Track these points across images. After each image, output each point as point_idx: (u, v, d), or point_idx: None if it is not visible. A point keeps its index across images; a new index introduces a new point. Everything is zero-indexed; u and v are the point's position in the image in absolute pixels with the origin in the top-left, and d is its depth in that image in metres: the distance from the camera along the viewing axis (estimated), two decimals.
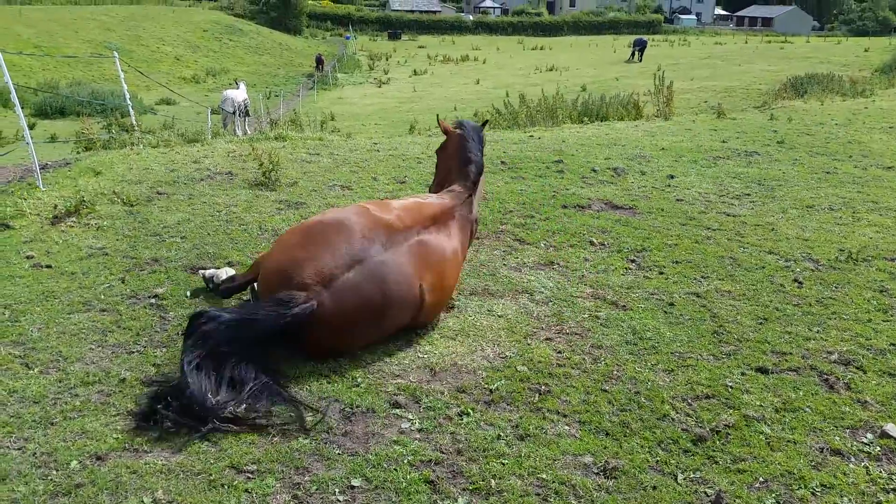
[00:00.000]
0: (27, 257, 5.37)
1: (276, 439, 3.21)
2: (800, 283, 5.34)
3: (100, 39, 42.31)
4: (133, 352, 4.04)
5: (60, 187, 7.30)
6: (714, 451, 3.23)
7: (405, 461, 3.05)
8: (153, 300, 4.76)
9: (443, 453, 3.13)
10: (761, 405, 3.63)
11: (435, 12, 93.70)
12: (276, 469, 2.99)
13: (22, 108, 21.98)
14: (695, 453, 3.21)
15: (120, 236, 6.01)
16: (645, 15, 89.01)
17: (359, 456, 3.09)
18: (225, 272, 4.77)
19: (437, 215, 4.54)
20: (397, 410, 3.47)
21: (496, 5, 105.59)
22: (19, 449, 3.07)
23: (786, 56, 39.04)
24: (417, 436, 3.28)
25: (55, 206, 6.46)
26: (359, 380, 3.75)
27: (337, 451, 3.13)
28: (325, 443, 3.19)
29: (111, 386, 3.63)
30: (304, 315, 3.65)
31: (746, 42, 58.85)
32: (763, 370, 3.99)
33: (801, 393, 3.76)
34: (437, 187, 5.38)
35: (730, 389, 3.76)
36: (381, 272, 3.94)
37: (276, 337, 3.70)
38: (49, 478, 2.87)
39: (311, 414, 3.38)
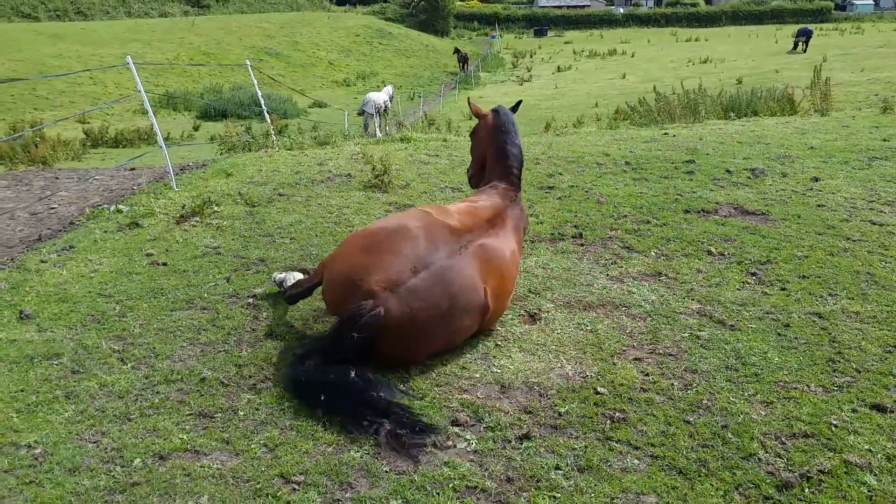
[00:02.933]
0: (147, 255, 5.77)
1: (329, 450, 3.17)
2: None
3: (261, 46, 45.36)
4: (220, 351, 4.19)
5: (192, 188, 7.82)
6: (801, 500, 2.80)
7: (450, 486, 2.91)
8: (251, 300, 4.93)
9: (492, 481, 2.95)
10: (870, 450, 3.11)
11: (583, 7, 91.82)
12: (321, 483, 2.95)
13: (188, 111, 23.98)
14: (777, 501, 2.80)
15: (236, 236, 6.31)
16: (812, 2, 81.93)
17: (405, 475, 2.99)
18: (293, 276, 4.82)
19: (492, 218, 4.43)
20: (456, 429, 3.33)
21: None
22: (94, 443, 3.26)
23: None
24: (471, 458, 3.12)
25: (183, 206, 6.91)
26: (424, 392, 3.65)
27: (385, 469, 3.04)
28: (376, 457, 3.11)
29: (191, 384, 3.77)
30: (374, 323, 3.60)
31: None
32: (880, 408, 3.43)
33: None
34: (474, 178, 5.29)
35: (834, 428, 3.26)
36: (448, 276, 3.84)
37: (359, 351, 3.68)
38: (112, 474, 3.01)
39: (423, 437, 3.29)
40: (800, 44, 41.38)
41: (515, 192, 4.84)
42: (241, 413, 3.48)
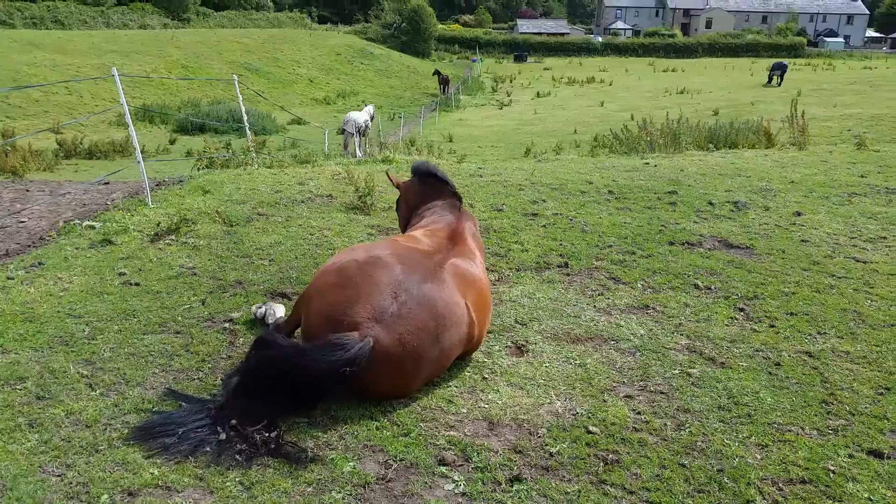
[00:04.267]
0: (119, 274, 5.56)
1: (309, 489, 3.00)
2: None
3: (241, 61, 45.17)
4: (194, 378, 4.00)
5: (168, 205, 7.61)
6: None
7: None
8: (227, 324, 4.75)
9: None
10: (870, 499, 3.02)
11: (563, 34, 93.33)
12: None
13: (164, 124, 23.74)
14: None
15: (212, 256, 6.12)
16: (786, 38, 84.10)
17: None
18: (273, 310, 4.62)
19: (451, 235, 4.49)
20: (443, 468, 3.17)
21: (627, 27, 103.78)
22: (59, 476, 3.05)
23: None
24: (459, 500, 2.96)
25: (158, 224, 6.71)
26: (409, 428, 3.49)
27: None
28: (360, 500, 2.95)
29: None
30: (363, 355, 3.45)
31: None
32: (877, 454, 3.34)
33: None
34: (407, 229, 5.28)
35: (832, 475, 3.17)
36: (431, 296, 3.75)
37: (330, 383, 3.49)
38: None
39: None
40: (774, 77, 42.36)
41: (458, 201, 5.03)
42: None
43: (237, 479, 3.06)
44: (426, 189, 5.18)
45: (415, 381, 3.78)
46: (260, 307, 4.74)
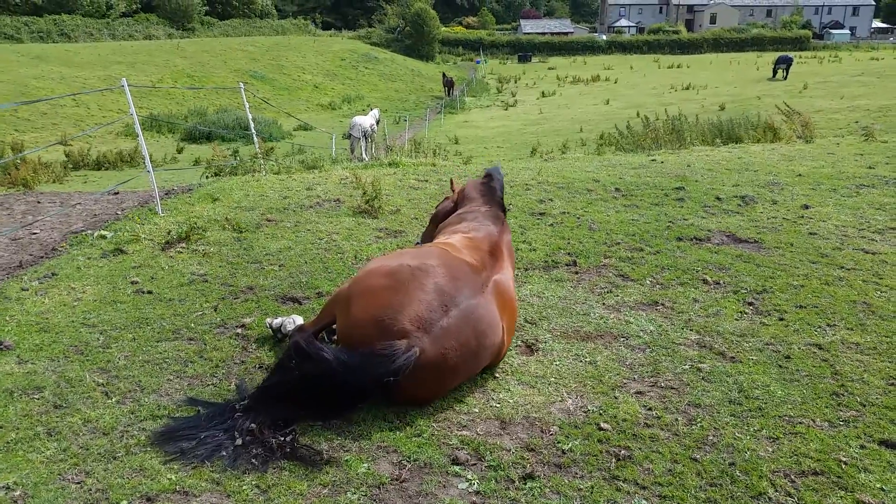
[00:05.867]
0: (132, 282, 5.61)
1: (325, 491, 3.04)
2: None
3: (246, 69, 45.39)
4: (209, 384, 4.04)
5: (178, 213, 7.68)
6: None
7: None
8: (240, 330, 4.79)
9: None
10: (882, 489, 3.03)
11: (567, 33, 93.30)
12: None
13: (171, 133, 23.89)
14: None
15: (223, 263, 6.17)
16: (791, 31, 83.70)
17: None
18: (293, 321, 4.57)
19: (492, 250, 4.42)
20: (457, 467, 3.20)
21: (631, 24, 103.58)
22: (78, 483, 3.10)
23: None
24: (474, 499, 2.99)
25: (168, 232, 6.77)
26: (422, 428, 3.52)
27: None
28: (375, 500, 2.98)
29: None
30: (409, 365, 3.46)
31: None
32: (888, 444, 3.35)
33: None
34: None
35: (843, 466, 3.18)
36: (477, 315, 3.78)
37: (371, 391, 3.56)
38: None
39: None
40: (779, 71, 42.11)
41: (502, 213, 5.00)
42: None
43: (253, 483, 3.09)
44: (478, 192, 5.16)
45: (443, 392, 3.81)
46: (276, 319, 4.68)
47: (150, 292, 5.42)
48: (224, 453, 3.28)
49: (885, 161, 10.09)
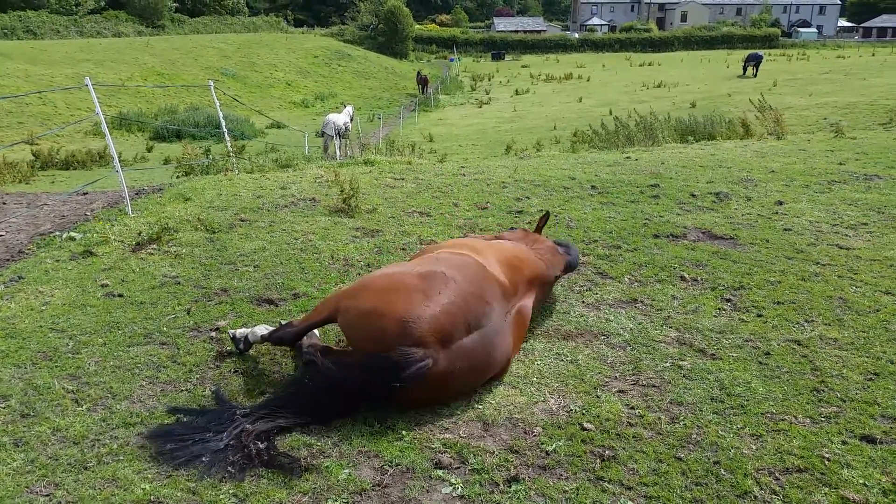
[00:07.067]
0: (102, 285, 5.47)
1: (305, 499, 2.96)
2: None
3: (217, 66, 44.85)
4: (183, 390, 3.94)
5: (148, 213, 7.51)
6: None
7: None
8: (214, 333, 4.68)
9: None
10: (865, 484, 3.03)
11: (539, 31, 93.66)
12: None
13: (141, 132, 23.49)
14: None
15: (196, 264, 6.04)
16: (761, 29, 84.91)
17: None
18: (262, 329, 4.33)
19: (533, 280, 4.42)
20: (440, 471, 3.14)
21: (603, 23, 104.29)
22: (47, 496, 2.98)
23: None
24: None
25: (139, 233, 6.61)
26: (403, 432, 3.46)
27: None
28: None
29: (152, 427, 3.51)
30: (419, 377, 3.41)
31: (873, 54, 55.08)
32: (870, 439, 3.36)
33: None
34: None
35: (827, 462, 3.18)
36: (494, 341, 3.76)
37: (377, 396, 3.54)
38: None
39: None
40: (749, 68, 42.66)
41: (562, 270, 5.05)
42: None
43: (231, 492, 3.01)
44: (554, 243, 5.20)
45: (439, 402, 3.75)
46: (239, 329, 4.39)
47: (120, 295, 5.28)
48: (205, 459, 3.19)
49: (855, 157, 10.24)
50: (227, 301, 5.23)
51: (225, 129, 11.98)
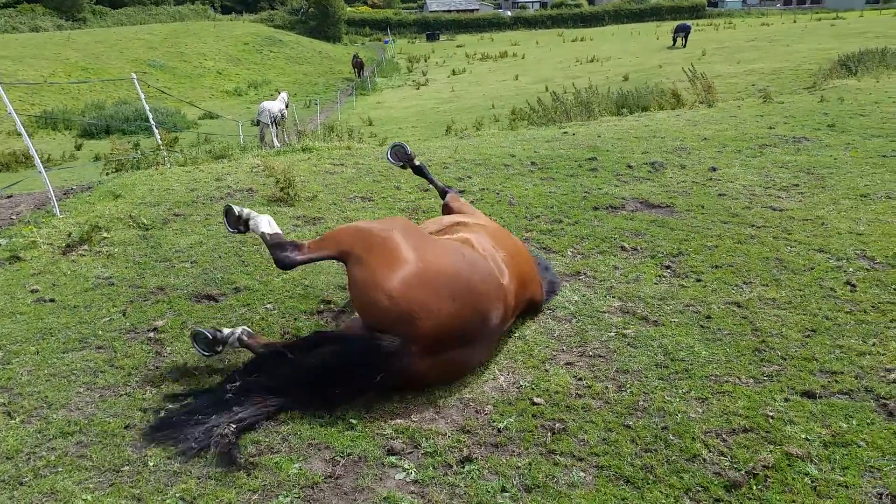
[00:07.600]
0: (32, 291, 5.23)
1: (254, 497, 2.89)
2: (853, 285, 4.77)
3: (144, 58, 43.31)
4: (122, 394, 3.80)
5: (78, 214, 7.21)
6: (750, 499, 2.78)
7: None
8: (151, 334, 4.53)
9: None
10: (807, 439, 3.14)
11: (472, 10, 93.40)
12: None
13: (68, 130, 22.48)
14: (727, 503, 2.77)
15: (130, 264, 5.83)
16: (687, 0, 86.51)
17: None
18: (266, 224, 4.08)
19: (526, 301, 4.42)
20: (393, 458, 3.12)
21: (535, 0, 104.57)
22: None
23: (838, 33, 37.28)
24: (412, 489, 2.92)
25: (69, 235, 6.34)
26: (353, 421, 3.41)
27: None
28: (308, 501, 2.86)
29: (91, 436, 3.38)
30: (398, 372, 3.44)
31: (795, 21, 56.88)
32: (810, 394, 3.49)
33: (853, 423, 3.25)
34: None
35: (771, 420, 3.28)
36: (482, 354, 3.82)
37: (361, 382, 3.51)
38: None
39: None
40: (678, 39, 43.42)
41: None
42: (152, 464, 3.13)
43: (177, 496, 2.92)
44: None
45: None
46: (223, 331, 4.02)
47: (52, 300, 5.05)
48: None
49: (784, 121, 10.55)
50: (164, 300, 5.06)
51: (153, 122, 11.56)
